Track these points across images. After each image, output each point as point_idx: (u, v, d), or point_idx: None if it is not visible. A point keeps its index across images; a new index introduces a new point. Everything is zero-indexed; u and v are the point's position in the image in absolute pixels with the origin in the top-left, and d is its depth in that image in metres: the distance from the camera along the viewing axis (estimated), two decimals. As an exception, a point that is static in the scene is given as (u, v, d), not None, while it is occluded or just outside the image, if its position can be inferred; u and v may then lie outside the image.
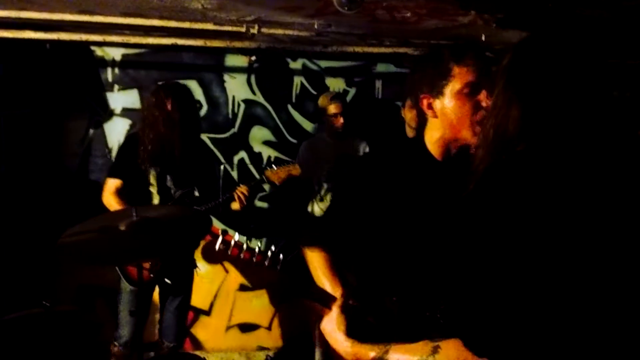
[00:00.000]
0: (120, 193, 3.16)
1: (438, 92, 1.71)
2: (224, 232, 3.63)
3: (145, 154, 3.12)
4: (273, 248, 1.43)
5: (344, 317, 1.34)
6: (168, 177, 3.20)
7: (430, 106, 1.74)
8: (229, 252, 1.50)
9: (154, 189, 3.18)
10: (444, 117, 1.71)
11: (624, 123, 1.23)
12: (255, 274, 4.46)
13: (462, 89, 1.66)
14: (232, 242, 1.51)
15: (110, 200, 3.14)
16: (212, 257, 4.35)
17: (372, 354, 1.25)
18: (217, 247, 1.49)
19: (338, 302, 1.38)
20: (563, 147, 1.12)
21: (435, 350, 1.14)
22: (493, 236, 1.05)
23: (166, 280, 3.19)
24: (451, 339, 1.11)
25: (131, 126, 4.28)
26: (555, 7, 2.98)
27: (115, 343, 3.20)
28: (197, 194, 3.33)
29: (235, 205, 3.30)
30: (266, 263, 1.44)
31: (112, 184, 3.18)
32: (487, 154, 1.21)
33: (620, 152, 1.16)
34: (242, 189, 3.29)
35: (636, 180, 1.11)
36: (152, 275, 3.12)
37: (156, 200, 3.19)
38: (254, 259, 1.50)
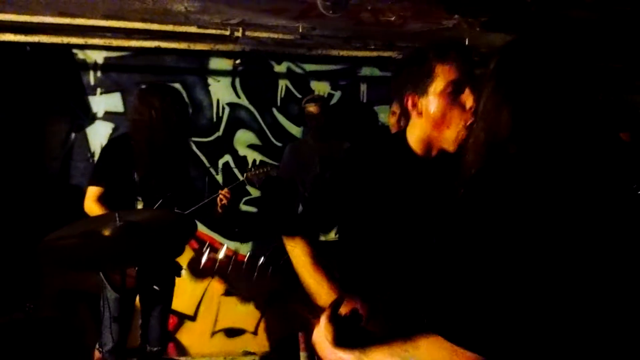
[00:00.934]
0: (102, 200, 3.04)
1: (422, 91, 1.72)
2: (210, 246, 3.57)
3: (132, 158, 3.06)
4: (262, 260, 1.41)
5: (331, 326, 1.32)
6: (152, 182, 3.14)
7: (414, 105, 1.75)
8: (216, 268, 1.46)
9: (137, 194, 3.13)
10: (428, 115, 1.72)
11: (608, 125, 1.24)
12: (243, 284, 4.41)
13: (446, 88, 1.68)
14: (219, 257, 1.47)
15: (93, 208, 3.02)
16: (198, 272, 4.29)
17: (351, 357, 1.24)
18: (202, 264, 1.45)
19: (326, 312, 1.36)
20: (555, 150, 1.12)
21: (412, 346, 1.13)
22: (488, 238, 1.05)
23: (155, 287, 3.14)
24: (430, 335, 1.09)
25: (114, 130, 4.24)
26: (538, 9, 3.00)
27: (99, 349, 3.15)
28: (179, 198, 3.29)
29: (218, 209, 3.26)
30: (254, 276, 1.41)
31: (93, 191, 3.06)
32: (478, 157, 1.21)
33: (606, 153, 1.17)
34: (224, 192, 3.25)
35: (625, 181, 1.11)
36: (134, 282, 3.07)
37: (139, 205, 3.12)
38: (242, 270, 1.47)
